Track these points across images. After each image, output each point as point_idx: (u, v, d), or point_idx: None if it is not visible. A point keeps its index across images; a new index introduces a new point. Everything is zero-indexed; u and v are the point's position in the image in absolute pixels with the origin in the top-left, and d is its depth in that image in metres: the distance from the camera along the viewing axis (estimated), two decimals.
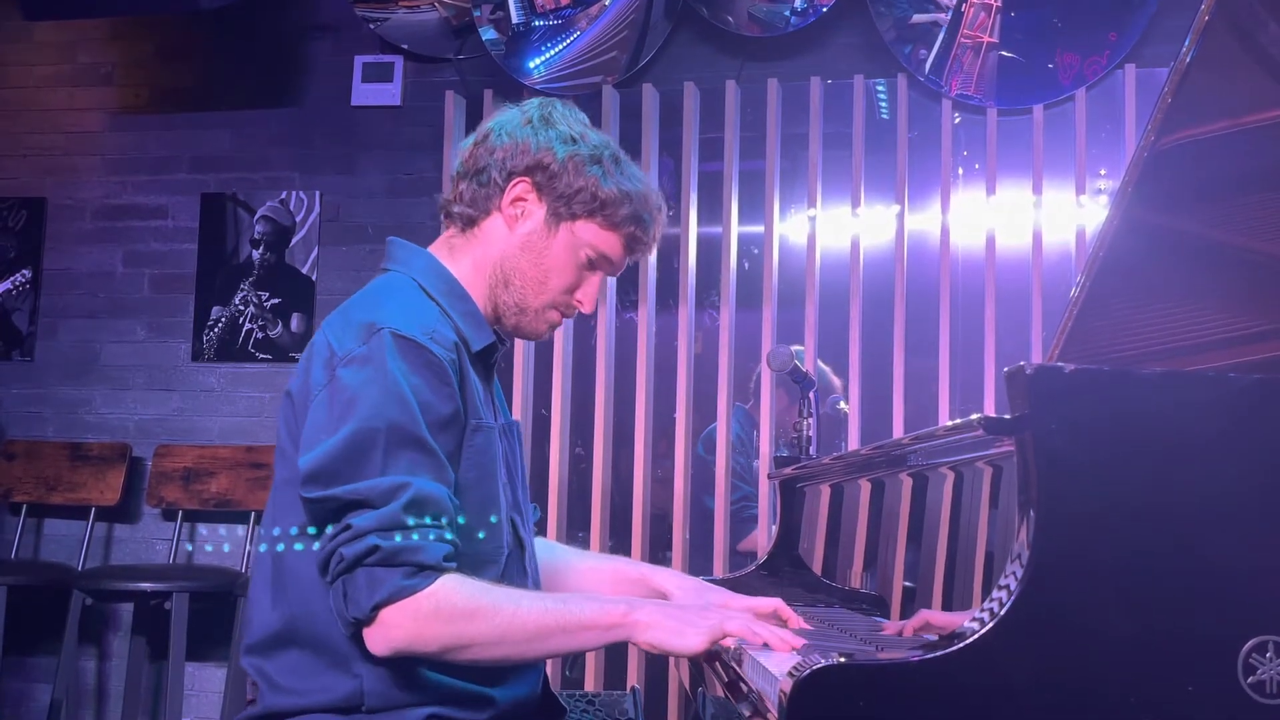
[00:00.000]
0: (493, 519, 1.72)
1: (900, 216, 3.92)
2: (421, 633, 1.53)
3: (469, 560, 1.62)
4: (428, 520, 1.56)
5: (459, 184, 1.82)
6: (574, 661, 3.97)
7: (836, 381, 4.01)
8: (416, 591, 1.52)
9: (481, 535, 1.70)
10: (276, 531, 1.68)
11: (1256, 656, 1.20)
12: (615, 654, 3.89)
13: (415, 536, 1.54)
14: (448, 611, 1.54)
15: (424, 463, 1.58)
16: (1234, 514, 1.24)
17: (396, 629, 1.53)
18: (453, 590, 1.55)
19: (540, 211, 1.78)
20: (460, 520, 1.64)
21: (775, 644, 1.54)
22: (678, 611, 1.62)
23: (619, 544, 4.07)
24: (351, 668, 1.62)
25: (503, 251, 1.79)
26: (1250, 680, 1.20)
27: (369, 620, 1.53)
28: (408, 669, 1.62)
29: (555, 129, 1.78)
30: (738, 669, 1.63)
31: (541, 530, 3.97)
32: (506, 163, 1.77)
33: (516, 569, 1.79)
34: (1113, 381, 1.26)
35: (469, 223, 1.81)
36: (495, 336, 1.80)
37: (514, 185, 1.77)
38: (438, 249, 1.84)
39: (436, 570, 1.54)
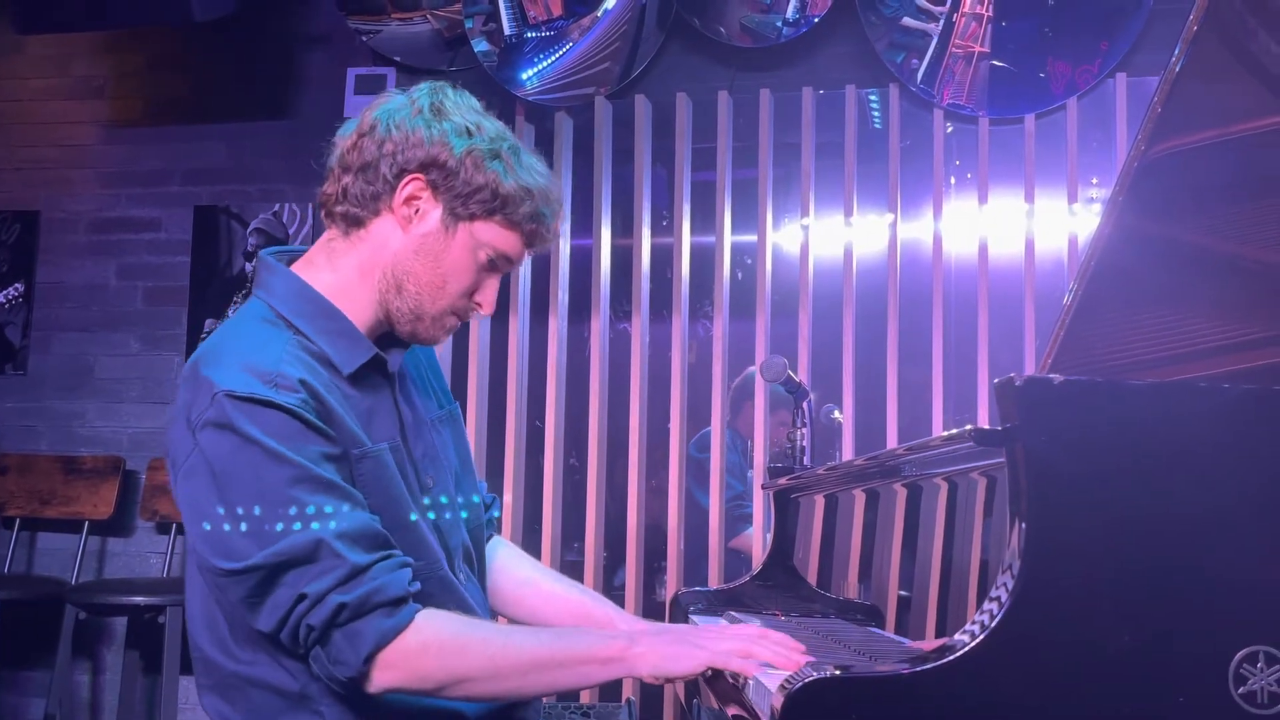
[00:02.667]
0: (407, 536, 1.63)
1: (893, 225, 3.93)
2: (416, 671, 1.50)
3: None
4: (375, 552, 1.51)
5: (340, 179, 1.67)
6: None
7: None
8: (401, 630, 1.49)
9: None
10: (204, 587, 1.61)
11: (1247, 666, 1.20)
12: None
13: (374, 577, 1.49)
14: (435, 647, 1.50)
15: (334, 498, 1.51)
16: (1225, 524, 1.24)
17: (390, 671, 1.49)
18: (438, 627, 1.52)
19: (436, 211, 1.64)
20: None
21: (777, 661, 1.50)
22: (682, 635, 1.59)
23: (614, 554, 4.07)
24: (312, 704, 1.58)
25: (395, 255, 1.65)
26: (1241, 690, 1.20)
27: (363, 675, 1.49)
28: (370, 700, 1.56)
29: (449, 120, 1.64)
30: (731, 682, 1.62)
31: (535, 540, 3.97)
32: (397, 158, 1.63)
33: (443, 586, 1.68)
34: (1103, 392, 1.25)
35: (354, 223, 1.67)
36: (377, 348, 1.67)
37: (406, 183, 1.63)
38: (314, 256, 1.71)
39: (407, 599, 1.51)
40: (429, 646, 1.50)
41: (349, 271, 1.67)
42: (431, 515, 1.70)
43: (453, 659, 1.51)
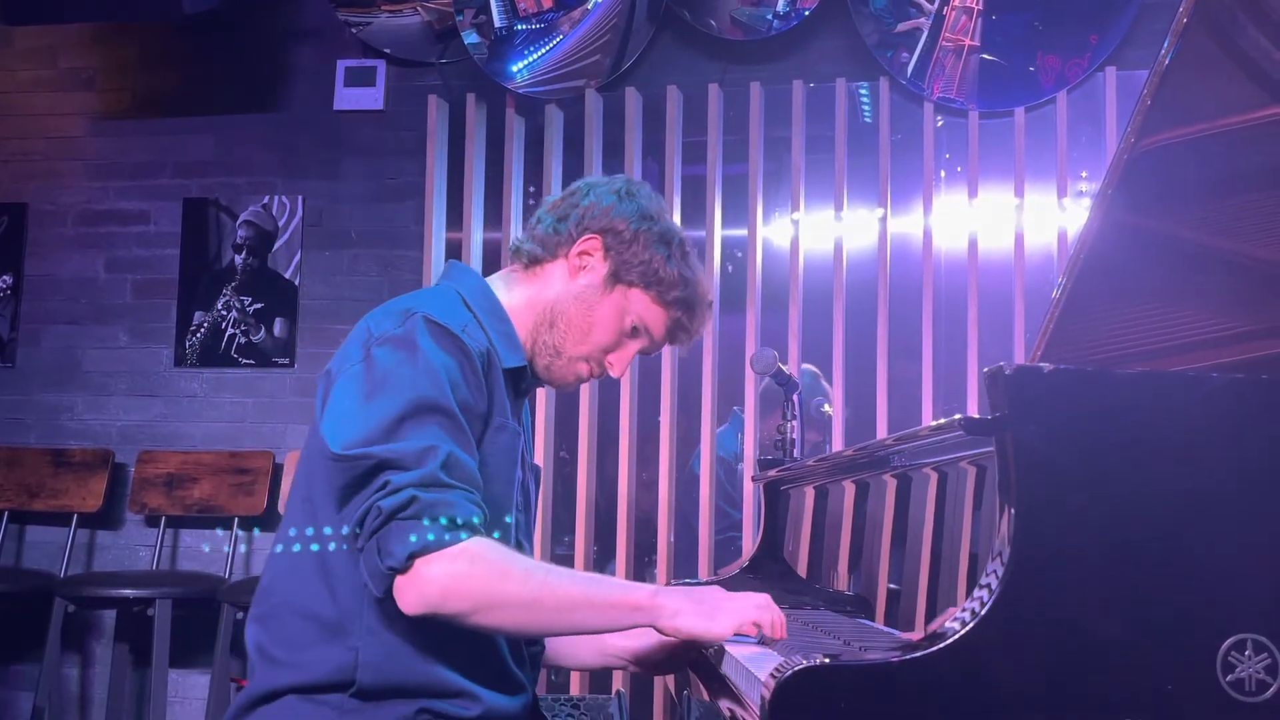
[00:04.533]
0: (507, 519, 1.75)
1: (883, 219, 3.93)
2: (455, 586, 1.54)
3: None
4: (462, 482, 1.60)
5: (536, 226, 1.92)
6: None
7: (827, 386, 4.02)
8: (452, 545, 1.54)
9: (496, 535, 1.70)
10: (299, 503, 1.71)
11: (1235, 654, 1.21)
12: None
13: (452, 494, 1.57)
14: (482, 567, 1.56)
15: (454, 434, 1.63)
16: (1212, 512, 1.25)
17: (431, 582, 1.54)
18: (487, 549, 1.58)
19: (602, 269, 1.86)
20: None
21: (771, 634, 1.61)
22: (703, 595, 1.66)
23: (604, 549, 4.07)
24: (348, 639, 1.64)
25: (558, 295, 1.87)
26: (1229, 678, 1.20)
27: (404, 569, 1.54)
28: (403, 648, 1.63)
29: (637, 203, 1.89)
30: (721, 671, 1.63)
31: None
32: (585, 218, 1.87)
33: None
34: (1091, 381, 1.26)
35: (533, 261, 1.90)
36: (526, 362, 1.86)
37: (586, 240, 1.86)
38: (496, 278, 1.93)
39: (470, 529, 1.57)
40: (475, 566, 1.56)
41: (519, 299, 1.89)
42: (510, 519, 1.79)
43: (495, 582, 1.57)
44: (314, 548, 1.68)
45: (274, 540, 1.77)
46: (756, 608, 1.64)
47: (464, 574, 1.55)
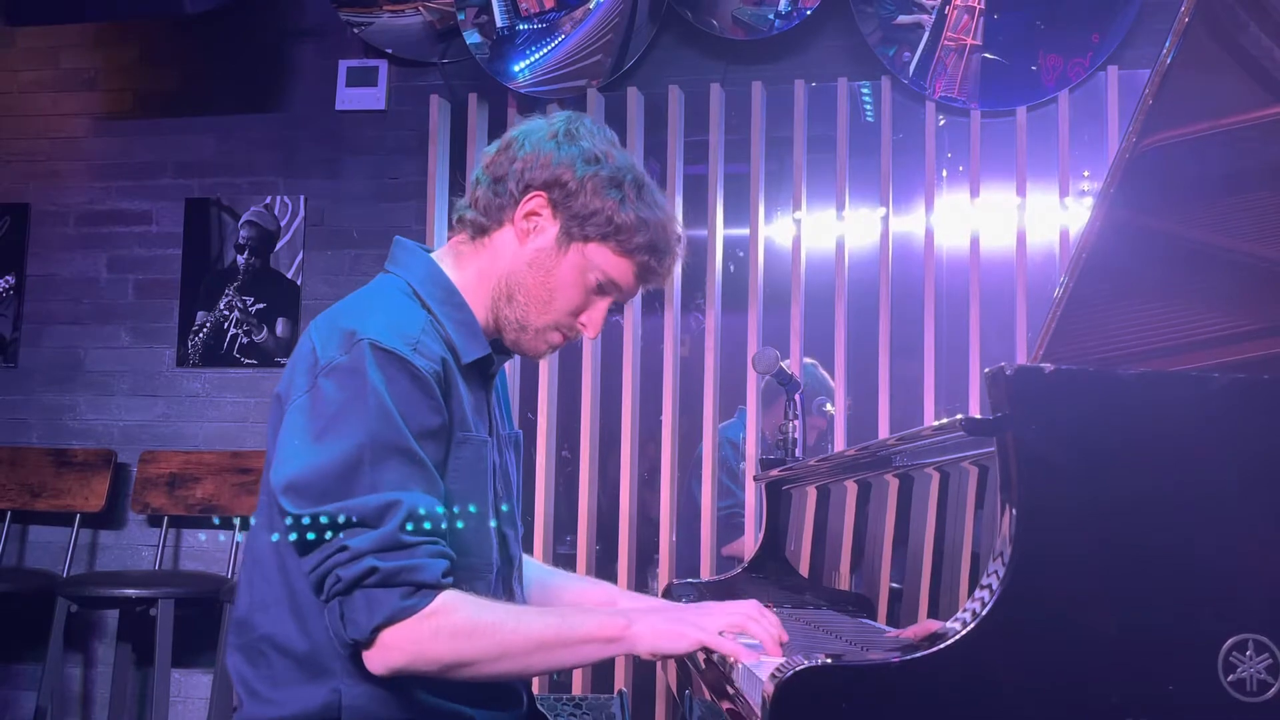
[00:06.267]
0: (479, 531, 1.70)
1: (885, 219, 3.93)
2: (421, 653, 1.52)
3: (457, 575, 1.60)
4: (425, 536, 1.53)
5: (475, 190, 1.77)
6: None
7: (828, 378, 4.01)
8: (415, 612, 1.50)
9: (468, 550, 1.66)
10: (265, 535, 1.66)
11: (1237, 655, 1.20)
12: None
13: (413, 556, 1.51)
14: (448, 631, 1.52)
15: (414, 475, 1.55)
16: (1214, 512, 1.25)
17: (395, 651, 1.51)
18: (452, 609, 1.53)
19: (553, 229, 1.72)
20: (457, 528, 1.63)
21: (766, 642, 1.55)
22: (674, 614, 1.62)
23: (606, 548, 4.07)
24: (331, 680, 1.60)
25: (510, 265, 1.74)
26: (1230, 678, 1.20)
27: (368, 643, 1.51)
28: (388, 685, 1.60)
29: (579, 145, 1.72)
30: (723, 671, 1.63)
31: (529, 537, 3.97)
32: (525, 174, 1.72)
33: (504, 587, 1.78)
34: (1093, 381, 1.26)
35: (479, 231, 1.76)
36: (491, 349, 1.76)
37: (529, 199, 1.72)
38: (444, 254, 1.80)
39: (435, 588, 1.52)
40: (440, 631, 1.52)
41: (469, 274, 1.76)
42: (494, 523, 1.75)
43: (462, 643, 1.53)
44: (274, 537, 1.64)
45: (243, 566, 1.73)
46: (726, 627, 1.57)
47: (428, 639, 1.51)
